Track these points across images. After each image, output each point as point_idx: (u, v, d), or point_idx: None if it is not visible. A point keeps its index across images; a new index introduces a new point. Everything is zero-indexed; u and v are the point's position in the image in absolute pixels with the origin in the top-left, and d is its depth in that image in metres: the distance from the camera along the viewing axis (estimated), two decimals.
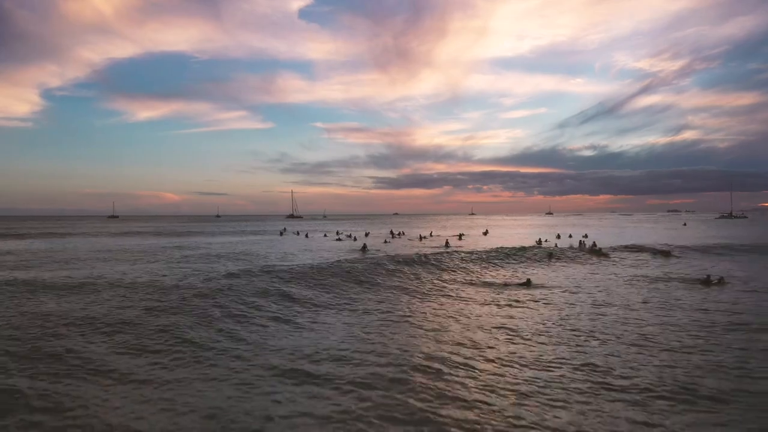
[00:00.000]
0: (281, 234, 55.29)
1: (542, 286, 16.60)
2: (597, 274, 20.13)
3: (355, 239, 43.75)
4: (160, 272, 18.50)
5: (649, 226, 76.22)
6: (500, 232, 59.47)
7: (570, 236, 45.82)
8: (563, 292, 15.51)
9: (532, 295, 14.92)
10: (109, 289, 14.06)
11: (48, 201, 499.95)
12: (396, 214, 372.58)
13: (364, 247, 28.62)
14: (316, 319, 11.46)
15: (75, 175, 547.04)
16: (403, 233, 53.13)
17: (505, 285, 16.63)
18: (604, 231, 58.84)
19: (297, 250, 27.46)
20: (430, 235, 47.25)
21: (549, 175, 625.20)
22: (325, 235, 54.48)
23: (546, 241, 37.15)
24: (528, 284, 15.99)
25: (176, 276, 16.59)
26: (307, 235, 51.59)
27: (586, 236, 45.69)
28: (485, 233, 53.16)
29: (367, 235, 53.12)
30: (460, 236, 44.28)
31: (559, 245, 32.12)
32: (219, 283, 14.36)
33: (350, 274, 16.90)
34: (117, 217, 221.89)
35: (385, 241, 37.36)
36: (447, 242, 32.07)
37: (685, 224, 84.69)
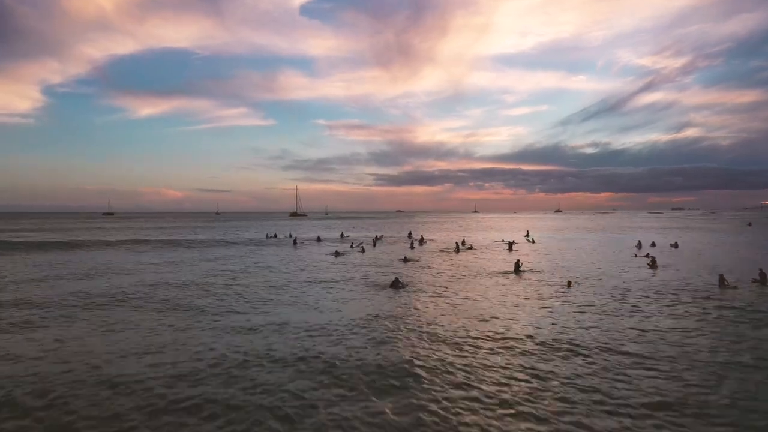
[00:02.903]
0: (267, 237, 43.18)
1: None
2: None
3: (362, 250, 31.69)
4: None
5: (712, 228, 63.50)
6: (539, 236, 46.90)
7: (653, 245, 33.68)
8: None
9: None
10: None
11: (50, 197, 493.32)
12: (399, 211, 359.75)
13: (396, 283, 16.21)
14: None
15: (76, 172, 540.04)
16: (424, 239, 40.97)
17: None
18: (672, 237, 46.44)
19: (257, 299, 14.52)
20: (463, 243, 35.08)
21: (551, 173, 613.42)
22: (319, 239, 42.70)
23: (650, 255, 25.07)
24: None
25: None
26: (295, 242, 39.39)
27: (676, 245, 33.59)
28: (530, 239, 40.84)
29: (377, 239, 41.00)
30: (510, 246, 32.07)
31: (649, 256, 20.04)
32: None
33: None
34: (112, 214, 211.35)
35: (405, 259, 25.17)
36: (518, 265, 19.41)
37: (750, 224, 71.96)
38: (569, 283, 15.43)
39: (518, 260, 20.11)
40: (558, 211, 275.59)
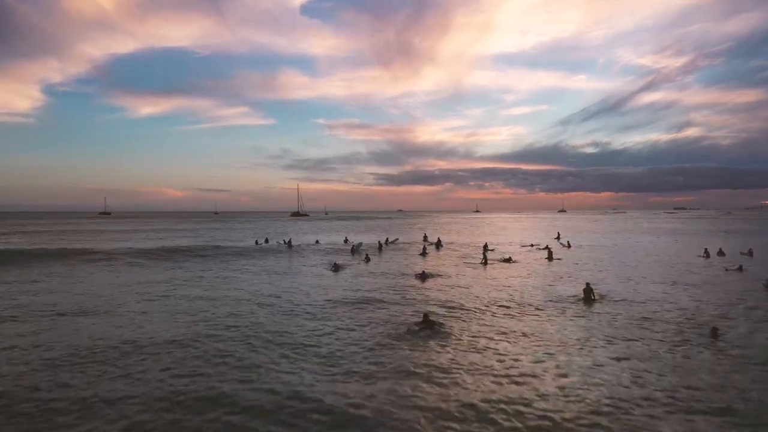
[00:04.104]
0: (257, 244, 37.46)
1: None
2: None
3: (367, 259, 26.13)
4: None
5: (750, 230, 57.61)
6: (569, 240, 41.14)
7: (720, 252, 28.01)
8: None
9: None
10: None
11: (50, 197, 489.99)
12: (401, 210, 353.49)
13: (426, 321, 10.55)
14: None
15: (77, 171, 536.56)
16: (441, 243, 35.47)
17: None
18: (718, 242, 40.81)
19: (203, 370, 8.96)
20: (486, 248, 29.39)
21: (551, 173, 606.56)
22: (317, 242, 38.64)
23: (742, 267, 19.50)
24: None
25: None
26: (290, 245, 35.11)
27: (750, 253, 27.80)
28: (565, 243, 35.14)
29: (384, 244, 35.41)
30: (550, 255, 26.37)
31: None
32: None
33: None
34: (109, 213, 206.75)
35: (423, 275, 19.43)
36: (590, 291, 13.72)
37: None
38: (715, 331, 9.57)
39: (588, 284, 14.35)
40: (562, 210, 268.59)
